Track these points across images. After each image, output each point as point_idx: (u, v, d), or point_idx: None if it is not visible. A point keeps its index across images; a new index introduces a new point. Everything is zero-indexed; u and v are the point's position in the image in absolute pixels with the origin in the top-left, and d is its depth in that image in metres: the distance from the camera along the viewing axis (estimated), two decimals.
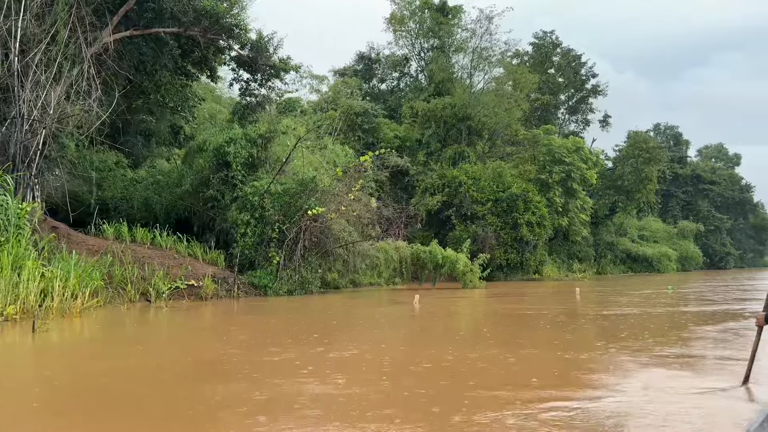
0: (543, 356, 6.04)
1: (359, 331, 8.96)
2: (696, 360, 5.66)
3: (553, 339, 7.75)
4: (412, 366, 5.67)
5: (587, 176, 35.59)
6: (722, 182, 72.41)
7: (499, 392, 4.44)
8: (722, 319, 9.64)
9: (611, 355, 6.15)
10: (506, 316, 11.59)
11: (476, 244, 31.14)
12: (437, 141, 34.98)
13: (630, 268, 52.95)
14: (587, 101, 52.09)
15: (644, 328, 8.56)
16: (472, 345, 7.11)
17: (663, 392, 4.41)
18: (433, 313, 12.26)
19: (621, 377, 4.98)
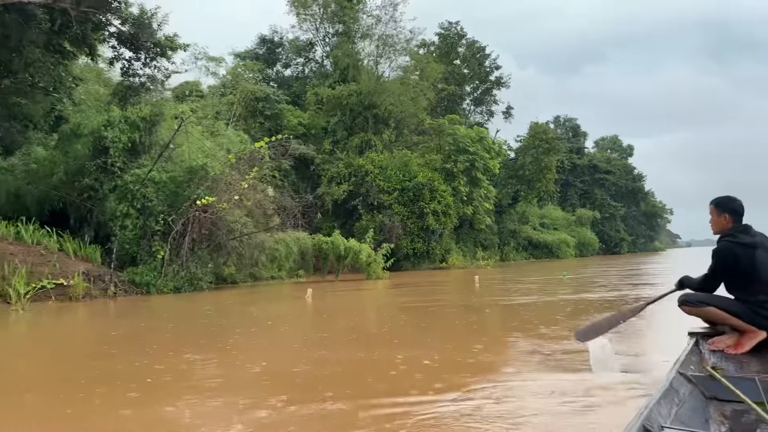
0: (423, 356, 5.37)
1: (235, 332, 7.98)
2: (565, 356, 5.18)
3: (441, 335, 7.17)
4: (284, 372, 4.85)
5: (490, 166, 36.14)
6: (617, 172, 76.70)
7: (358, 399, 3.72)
8: (611, 308, 9.47)
9: (497, 353, 5.59)
10: (401, 310, 11.00)
11: (383, 233, 30.72)
12: (343, 129, 34.16)
13: (532, 254, 54.83)
14: (491, 93, 53.20)
15: (536, 319, 8.17)
16: (348, 346, 6.36)
17: (526, 391, 3.83)
18: (324, 308, 11.46)
19: (498, 379, 4.37)
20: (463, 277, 23.51)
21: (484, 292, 14.26)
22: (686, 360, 3.38)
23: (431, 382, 4.26)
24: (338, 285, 19.16)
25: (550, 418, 3.34)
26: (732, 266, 3.82)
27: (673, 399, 2.71)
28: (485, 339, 6.59)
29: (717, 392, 2.98)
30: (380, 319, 9.41)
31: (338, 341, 6.92)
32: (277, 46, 40.16)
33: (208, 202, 17.29)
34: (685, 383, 2.98)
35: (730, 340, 3.76)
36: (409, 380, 4.44)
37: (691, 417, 2.68)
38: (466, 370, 4.74)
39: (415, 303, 12.00)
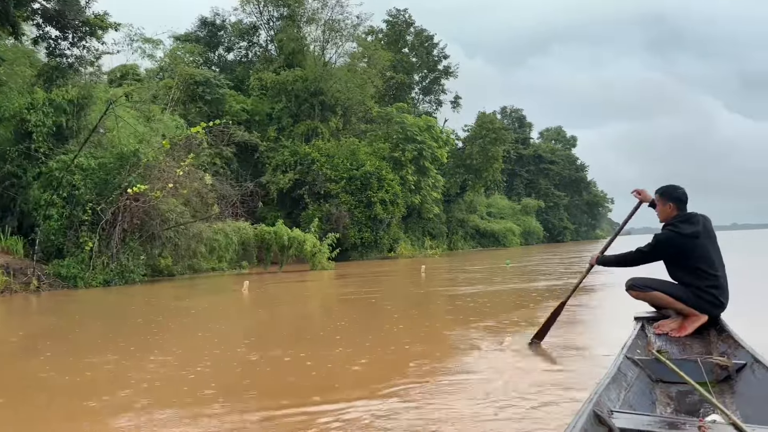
0: (355, 355, 4.98)
1: (157, 329, 7.38)
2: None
3: (378, 330, 6.80)
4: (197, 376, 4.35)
5: (438, 155, 36.03)
6: (560, 162, 78.44)
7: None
8: (552, 297, 9.34)
9: (432, 351, 5.26)
10: (341, 302, 10.59)
11: (330, 223, 30.18)
12: (289, 116, 33.27)
13: (479, 243, 55.44)
14: (439, 82, 53.13)
15: (478, 311, 7.92)
16: (279, 343, 5.90)
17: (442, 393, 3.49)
18: (261, 301, 10.91)
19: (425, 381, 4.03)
20: (410, 267, 23.30)
21: (430, 283, 14.02)
22: (633, 344, 3.43)
23: (357, 383, 3.87)
24: (281, 276, 18.57)
25: (472, 424, 2.99)
26: (673, 255, 3.94)
27: (621, 383, 2.72)
28: (423, 334, 6.26)
29: (662, 375, 3.04)
30: (318, 313, 8.97)
31: (268, 338, 6.45)
32: (219, 29, 38.67)
33: (140, 190, 16.35)
34: (632, 367, 3.02)
35: (674, 323, 3.85)
36: (334, 381, 4.03)
37: (639, 400, 2.70)
38: (397, 369, 4.37)
39: (358, 295, 11.60)
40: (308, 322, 8.04)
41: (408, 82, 47.85)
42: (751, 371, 2.89)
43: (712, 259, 3.91)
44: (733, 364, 3.01)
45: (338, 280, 16.89)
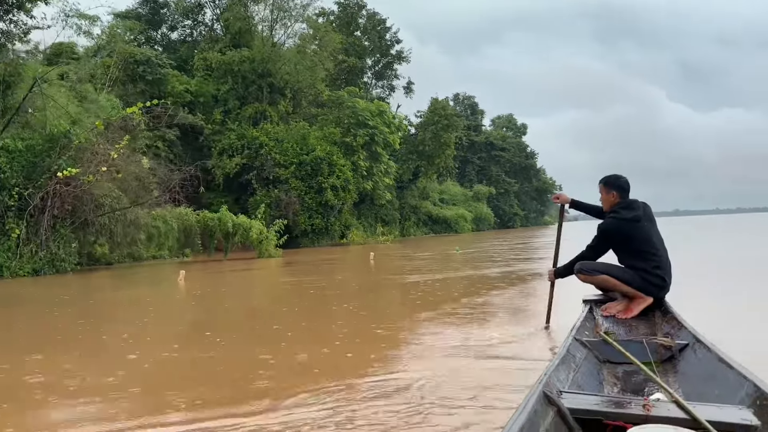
0: (284, 354, 4.56)
1: (75, 325, 6.71)
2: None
3: (316, 324, 6.37)
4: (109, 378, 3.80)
5: (391, 140, 35.63)
6: (511, 149, 79.37)
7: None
8: (501, 286, 9.12)
9: (369, 349, 4.88)
10: (284, 293, 10.09)
11: (279, 209, 29.46)
12: (235, 98, 32.16)
13: (432, 229, 55.59)
14: (392, 67, 52.59)
15: (423, 302, 7.60)
16: (207, 340, 5.39)
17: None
18: (198, 292, 10.28)
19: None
20: (360, 254, 22.91)
21: (379, 270, 13.65)
22: (581, 326, 3.48)
23: (284, 387, 3.42)
24: (225, 264, 17.84)
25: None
26: (618, 240, 4.07)
27: (570, 364, 2.76)
28: (364, 329, 5.85)
29: (609, 355, 3.10)
30: (256, 305, 8.45)
31: (197, 334, 5.91)
32: (161, 7, 36.92)
33: (71, 174, 15.34)
34: (580, 348, 3.08)
35: (621, 305, 3.96)
36: (255, 386, 3.57)
37: (587, 380, 2.76)
38: (330, 370, 3.94)
39: (301, 284, 11.11)
40: (246, 314, 7.52)
41: (360, 66, 47.10)
42: (693, 351, 2.97)
43: (654, 242, 4.05)
44: (676, 344, 3.10)
45: (284, 268, 16.33)
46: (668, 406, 2.05)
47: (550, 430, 1.91)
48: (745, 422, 1.88)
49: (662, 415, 1.96)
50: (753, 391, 2.11)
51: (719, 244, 20.73)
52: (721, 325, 4.75)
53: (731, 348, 2.73)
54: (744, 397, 2.14)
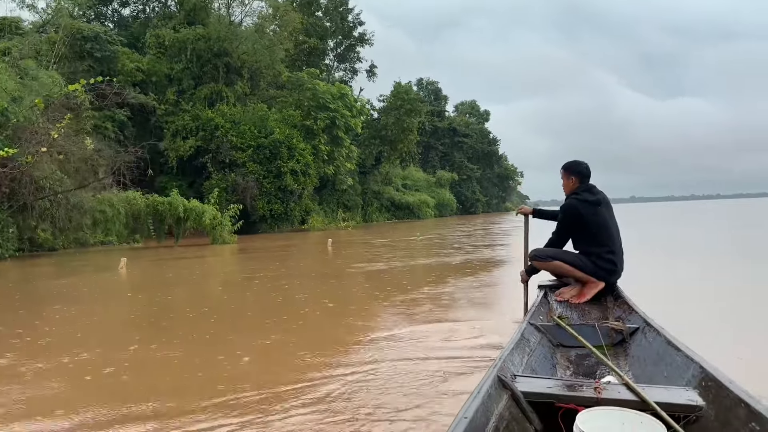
0: (217, 358, 4.00)
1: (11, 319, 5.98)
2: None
3: (260, 322, 5.81)
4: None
5: (352, 124, 34.86)
6: (474, 135, 79.51)
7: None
8: (459, 275, 8.71)
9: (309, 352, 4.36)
10: (231, 284, 9.44)
11: (236, 193, 28.51)
12: (191, 78, 30.84)
13: (394, 215, 55.20)
14: (355, 50, 51.66)
15: (376, 295, 7.10)
16: (137, 340, 4.78)
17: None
18: (138, 282, 9.54)
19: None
20: (320, 240, 22.29)
21: (336, 258, 13.09)
22: (536, 311, 3.53)
23: (206, 397, 2.85)
24: (176, 251, 16.98)
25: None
26: (576, 221, 4.08)
27: (524, 348, 2.78)
28: (310, 325, 5.31)
29: (563, 339, 3.14)
30: (199, 298, 7.78)
31: (125, 333, 5.26)
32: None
33: (7, 155, 14.20)
34: (535, 333, 3.10)
35: (574, 290, 4.01)
36: (179, 398, 3.00)
37: (541, 364, 2.79)
38: (275, 375, 3.39)
39: (253, 273, 10.47)
40: (186, 309, 6.87)
41: (322, 47, 46.02)
42: (643, 334, 3.01)
43: (610, 228, 4.09)
44: (627, 328, 3.15)
45: (237, 255, 15.60)
46: (618, 388, 2.07)
47: (503, 414, 1.91)
48: (690, 403, 1.94)
49: (613, 397, 1.99)
50: (699, 372, 2.15)
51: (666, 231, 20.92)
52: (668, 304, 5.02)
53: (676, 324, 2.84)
54: (690, 379, 2.18)
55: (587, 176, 4.24)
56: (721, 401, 1.91)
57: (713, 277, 7.74)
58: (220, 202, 22.79)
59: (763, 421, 1.67)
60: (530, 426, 2.01)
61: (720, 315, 5.22)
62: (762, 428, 1.67)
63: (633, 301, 3.61)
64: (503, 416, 1.90)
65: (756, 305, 5.59)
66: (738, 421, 1.77)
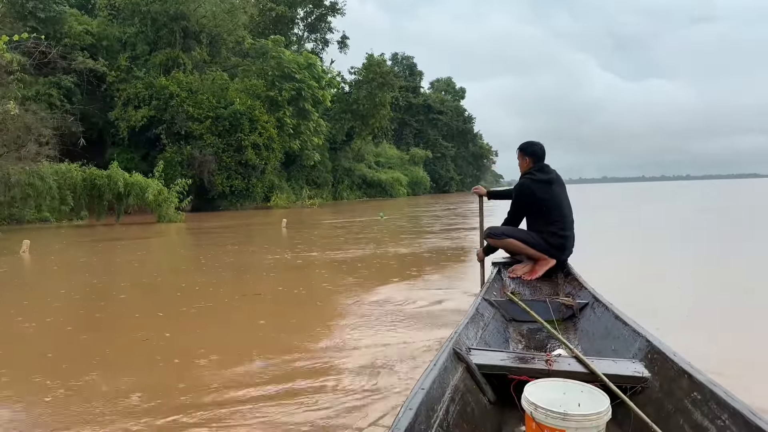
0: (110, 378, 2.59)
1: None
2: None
3: (173, 325, 4.41)
4: None
5: (320, 96, 33.03)
6: (449, 113, 78.08)
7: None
8: (415, 272, 7.40)
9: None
10: (153, 272, 7.95)
11: (192, 168, 26.74)
12: (145, 43, 28.65)
13: (366, 193, 53.71)
14: (326, 19, 49.47)
15: (313, 300, 5.74)
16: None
17: None
18: (41, 268, 7.98)
19: None
20: (279, 219, 20.79)
21: (288, 242, 11.63)
22: (490, 287, 3.59)
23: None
24: (112, 231, 15.31)
25: None
26: (529, 200, 4.12)
27: (479, 323, 2.82)
28: (226, 332, 3.91)
29: (515, 314, 3.23)
30: (107, 287, 6.27)
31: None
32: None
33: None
34: (489, 308, 3.16)
35: (527, 267, 4.09)
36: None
37: (494, 337, 2.86)
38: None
39: (184, 259, 8.98)
40: (79, 303, 5.38)
41: (290, 15, 43.76)
42: (592, 310, 3.09)
43: (561, 206, 4.12)
44: (576, 304, 3.24)
45: (178, 236, 14.02)
46: (568, 360, 2.14)
47: (458, 386, 1.94)
48: (636, 374, 2.02)
49: (563, 369, 2.05)
50: (645, 345, 2.22)
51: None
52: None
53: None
54: (637, 351, 2.26)
55: (541, 157, 4.25)
56: (666, 373, 1.97)
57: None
58: (168, 176, 21.04)
59: (704, 391, 1.71)
60: (484, 397, 2.05)
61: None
62: (703, 397, 1.71)
63: (583, 278, 3.64)
64: (458, 387, 1.93)
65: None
66: (681, 391, 1.82)
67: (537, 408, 1.66)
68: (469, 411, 1.90)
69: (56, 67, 26.57)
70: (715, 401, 1.66)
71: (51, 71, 26.40)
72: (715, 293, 5.30)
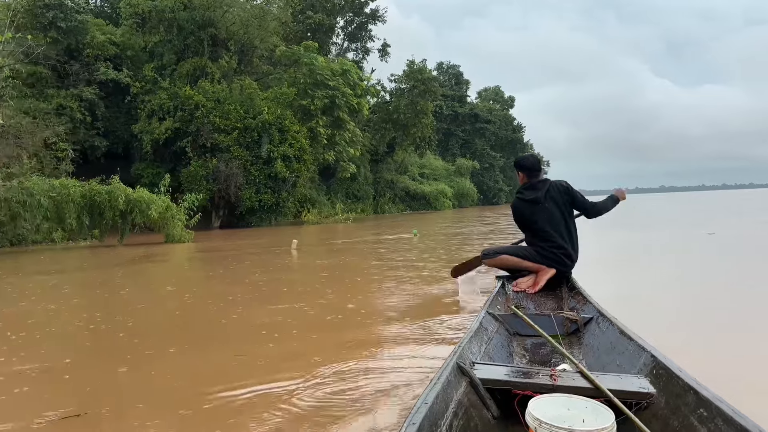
0: None
1: None
2: None
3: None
4: None
5: (356, 105, 30.99)
6: (497, 122, 75.10)
7: None
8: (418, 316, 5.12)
9: None
10: (119, 313, 5.82)
11: (218, 182, 25.07)
12: (172, 52, 27.36)
13: (409, 206, 51.46)
14: (366, 27, 47.73)
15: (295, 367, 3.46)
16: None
17: None
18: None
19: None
20: (312, 236, 18.70)
21: (294, 272, 9.41)
22: (494, 301, 3.61)
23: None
24: (111, 254, 13.49)
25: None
26: (519, 219, 4.31)
27: (483, 337, 2.81)
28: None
29: (519, 328, 3.23)
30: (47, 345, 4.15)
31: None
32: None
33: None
34: (493, 322, 3.15)
35: (529, 280, 4.08)
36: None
37: (498, 352, 2.83)
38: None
39: (170, 295, 6.87)
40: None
41: (329, 23, 42.13)
42: (597, 324, 3.07)
43: (553, 223, 4.09)
44: (581, 318, 3.22)
45: (187, 259, 12.02)
46: (573, 376, 2.12)
47: (462, 400, 1.93)
48: (642, 390, 2.00)
49: (568, 384, 2.03)
50: (650, 361, 2.21)
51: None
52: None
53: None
54: (642, 367, 2.24)
55: (533, 170, 4.28)
56: (672, 389, 1.95)
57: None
58: (192, 191, 19.31)
59: (710, 407, 1.70)
60: (488, 412, 2.03)
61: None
62: (709, 414, 1.70)
63: (587, 292, 3.62)
64: (462, 402, 1.92)
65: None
66: (687, 407, 1.81)
67: (541, 424, 1.65)
68: (473, 426, 1.89)
69: (79, 79, 25.56)
70: (722, 418, 1.62)
71: (73, 84, 25.40)
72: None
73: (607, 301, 3.38)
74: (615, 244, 12.10)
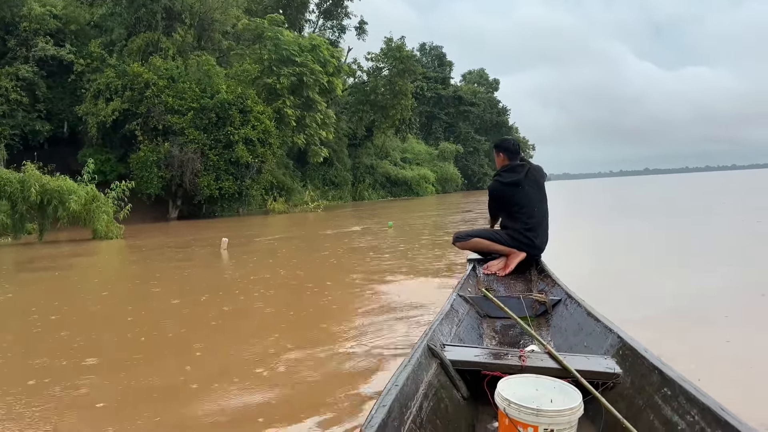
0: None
1: None
2: None
3: None
4: None
5: (325, 83, 28.69)
6: (482, 105, 73.10)
7: None
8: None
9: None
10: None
11: (172, 168, 22.79)
12: (121, 27, 24.87)
13: (390, 192, 49.41)
14: (342, 4, 45.27)
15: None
16: None
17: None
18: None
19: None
20: (278, 226, 16.60)
21: (221, 280, 7.34)
22: (465, 283, 3.59)
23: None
24: (25, 253, 11.32)
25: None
26: (497, 201, 4.24)
27: (453, 319, 2.82)
28: None
29: (489, 310, 3.24)
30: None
31: None
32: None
33: None
34: (463, 304, 3.16)
35: (500, 263, 4.06)
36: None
37: (468, 334, 2.83)
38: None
39: (61, 307, 4.77)
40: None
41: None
42: (565, 306, 3.10)
43: (531, 206, 4.09)
44: (549, 300, 3.25)
45: (101, 261, 9.86)
46: (542, 356, 2.13)
47: (432, 382, 1.94)
48: (608, 370, 2.01)
49: (536, 365, 2.04)
50: (617, 342, 2.23)
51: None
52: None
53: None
54: (609, 348, 2.26)
55: (514, 152, 4.24)
56: (637, 369, 1.97)
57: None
58: (144, 180, 17.09)
59: (674, 386, 1.73)
60: (457, 393, 2.04)
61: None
62: (673, 393, 1.73)
63: (556, 275, 3.66)
64: (432, 384, 1.92)
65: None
66: (651, 387, 1.84)
67: (510, 404, 1.66)
68: (443, 407, 1.90)
69: (15, 57, 23.06)
70: (685, 397, 1.67)
71: (9, 61, 22.90)
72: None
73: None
74: (575, 236, 10.20)
